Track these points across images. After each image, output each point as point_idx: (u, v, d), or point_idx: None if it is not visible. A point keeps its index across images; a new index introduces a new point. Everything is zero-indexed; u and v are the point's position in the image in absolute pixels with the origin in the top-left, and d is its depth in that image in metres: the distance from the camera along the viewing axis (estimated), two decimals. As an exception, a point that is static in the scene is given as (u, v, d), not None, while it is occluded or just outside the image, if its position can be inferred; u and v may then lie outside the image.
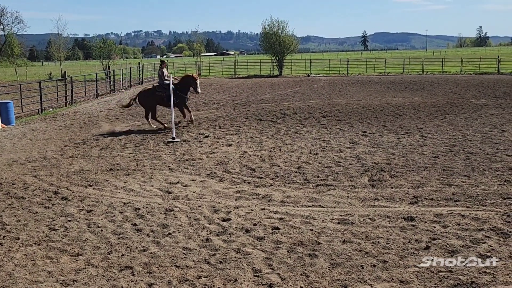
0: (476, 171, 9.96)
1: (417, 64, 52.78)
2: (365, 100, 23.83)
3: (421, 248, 6.20)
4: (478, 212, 7.49)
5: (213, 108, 22.28)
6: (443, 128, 15.29)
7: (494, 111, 18.79)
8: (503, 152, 11.58)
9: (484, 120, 16.68)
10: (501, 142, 12.80)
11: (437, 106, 20.85)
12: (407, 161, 11.02)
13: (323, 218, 7.44)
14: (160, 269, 5.84)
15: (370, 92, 28.31)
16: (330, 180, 9.59)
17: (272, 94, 28.48)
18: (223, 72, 52.44)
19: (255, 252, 6.27)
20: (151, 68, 47.72)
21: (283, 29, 49.32)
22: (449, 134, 14.21)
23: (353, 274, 5.58)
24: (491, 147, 12.22)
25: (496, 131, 14.54)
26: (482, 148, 12.13)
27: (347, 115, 18.69)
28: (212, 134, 15.21)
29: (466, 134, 14.20)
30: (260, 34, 52.07)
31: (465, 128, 15.16)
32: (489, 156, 11.28)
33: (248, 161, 11.45)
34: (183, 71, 51.83)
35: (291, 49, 49.61)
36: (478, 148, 12.15)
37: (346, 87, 31.87)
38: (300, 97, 26.33)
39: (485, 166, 10.34)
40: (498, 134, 13.96)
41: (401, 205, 7.96)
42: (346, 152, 12.19)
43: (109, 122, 18.45)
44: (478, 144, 12.71)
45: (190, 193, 9.02)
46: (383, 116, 18.25)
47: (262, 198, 8.59)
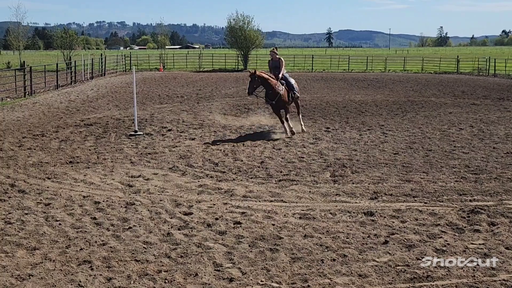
0: (434, 167, 10.20)
1: (380, 62, 53.64)
2: (328, 97, 24.07)
3: (380, 242, 6.32)
4: (435, 207, 7.68)
5: (177, 101, 22.08)
6: (404, 126, 15.60)
7: (453, 110, 19.28)
8: (460, 150, 11.90)
9: (443, 118, 17.09)
10: (458, 140, 13.14)
11: (399, 104, 21.25)
12: (368, 157, 11.20)
13: (285, 213, 7.49)
14: (120, 263, 5.76)
15: (334, 88, 28.62)
16: (292, 175, 9.65)
17: (236, 88, 28.43)
18: (188, 65, 52.00)
19: (217, 246, 6.26)
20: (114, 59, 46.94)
21: (249, 24, 49.28)
22: (409, 131, 14.51)
23: (313, 268, 5.63)
24: (449, 145, 12.54)
25: (454, 129, 14.93)
26: (440, 146, 12.43)
27: (310, 111, 18.84)
28: (175, 128, 15.08)
29: (425, 131, 14.53)
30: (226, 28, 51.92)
31: (425, 126, 15.50)
32: (446, 153, 11.57)
33: (211, 155, 11.41)
34: (147, 64, 51.21)
35: (256, 44, 49.62)
36: (436, 146, 12.44)
37: (310, 83, 32.11)
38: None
39: (442, 163, 10.60)
40: (456, 132, 14.33)
41: (361, 201, 8.09)
42: (309, 147, 12.29)
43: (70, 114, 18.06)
44: (436, 141, 13.02)
45: (152, 186, 8.93)
46: (346, 113, 18.49)
47: (225, 192, 8.58)
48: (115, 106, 20.27)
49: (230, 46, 50.67)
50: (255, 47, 49.86)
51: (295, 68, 50.32)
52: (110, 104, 20.92)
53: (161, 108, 19.78)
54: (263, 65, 51.20)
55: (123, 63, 47.26)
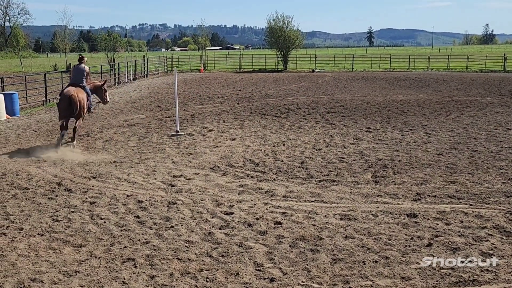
0: (480, 169, 9.93)
1: (423, 61, 52.59)
2: (369, 96, 23.77)
3: (424, 245, 6.20)
4: (481, 210, 7.47)
5: (218, 102, 22.27)
6: (448, 126, 15.24)
7: (499, 109, 18.72)
8: (507, 151, 11.54)
9: (489, 118, 16.62)
10: (505, 140, 12.75)
11: (442, 103, 20.78)
12: (411, 158, 11.00)
13: (326, 214, 7.44)
14: (162, 261, 5.86)
15: (375, 88, 28.24)
16: (333, 176, 9.58)
17: (276, 89, 28.44)
18: (228, 66, 52.38)
19: (257, 246, 6.27)
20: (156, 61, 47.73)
21: (288, 24, 49.26)
22: (453, 132, 14.17)
23: (354, 269, 5.58)
24: (496, 145, 12.17)
25: (501, 129, 14.49)
26: (487, 146, 12.09)
27: (351, 111, 18.66)
28: (216, 128, 15.22)
29: (470, 131, 14.16)
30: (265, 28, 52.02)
31: (470, 126, 15.11)
32: (493, 154, 11.24)
33: (251, 156, 11.45)
34: (188, 65, 51.83)
35: (296, 44, 49.51)
36: (482, 146, 12.11)
37: (350, 83, 31.80)
38: (305, 92, 26.29)
39: (489, 164, 10.31)
40: (502, 132, 13.91)
41: (404, 202, 7.95)
42: (349, 148, 12.17)
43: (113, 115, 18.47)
44: (482, 142, 12.67)
45: (193, 186, 9.03)
46: (388, 113, 18.21)
47: (265, 192, 8.60)
48: (157, 107, 20.60)
49: (270, 46, 50.75)
50: (295, 47, 49.76)
51: (335, 68, 49.95)
52: (152, 105, 21.29)
53: (202, 108, 19.99)
54: (303, 65, 51.09)
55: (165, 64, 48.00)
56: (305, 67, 50.62)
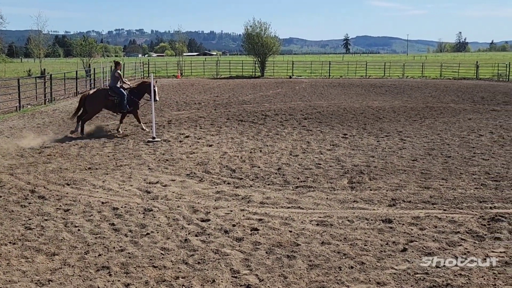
0: (454, 174, 10.09)
1: (398, 68, 53.32)
2: (346, 103, 23.98)
3: (398, 250, 6.26)
4: (454, 215, 7.58)
5: (194, 108, 22.20)
6: (422, 132, 15.46)
7: (472, 116, 19.07)
8: (480, 156, 11.76)
9: (462, 125, 16.91)
10: (478, 146, 12.99)
11: (417, 110, 21.08)
12: (386, 164, 11.12)
13: (302, 220, 7.46)
14: (138, 269, 5.79)
15: (351, 94, 28.50)
16: (310, 182, 9.62)
17: (253, 95, 28.50)
18: (205, 72, 52.28)
19: (234, 253, 6.26)
20: (132, 66, 47.39)
21: (266, 31, 49.45)
22: (427, 138, 14.38)
23: (330, 275, 5.60)
24: (469, 151, 12.39)
25: (473, 135, 14.75)
26: (460, 152, 12.29)
27: (328, 117, 18.79)
28: (192, 134, 15.16)
29: (444, 138, 14.38)
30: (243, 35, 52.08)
31: (444, 132, 15.35)
32: (466, 160, 11.43)
33: (228, 162, 11.44)
34: (164, 71, 51.59)
35: (273, 50, 49.71)
36: (455, 152, 12.31)
37: (327, 90, 32.04)
38: (282, 98, 26.39)
39: (462, 169, 10.48)
40: (475, 139, 14.16)
41: (379, 207, 8.02)
42: (326, 154, 12.25)
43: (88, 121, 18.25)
44: (456, 148, 12.88)
45: (170, 193, 8.97)
46: (364, 119, 18.39)
47: (242, 199, 8.59)
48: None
49: (247, 52, 50.86)
50: (272, 53, 49.94)
51: (312, 74, 50.29)
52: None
53: (179, 114, 19.90)
54: (280, 72, 51.31)
55: (141, 70, 47.69)
56: (283, 73, 50.83)
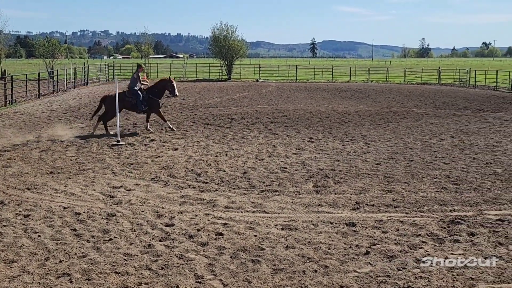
0: (416, 178, 10.29)
1: (363, 72, 54.08)
2: (312, 107, 24.19)
3: (361, 253, 6.34)
4: (416, 218, 7.74)
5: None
6: (386, 136, 15.72)
7: (434, 120, 19.51)
8: (441, 160, 12.03)
9: (424, 129, 17.28)
10: (439, 150, 13.29)
11: (381, 114, 21.43)
12: (351, 167, 11.26)
13: (267, 224, 7.49)
14: (100, 276, 5.70)
15: (317, 98, 28.77)
16: (275, 186, 9.66)
17: (220, 98, 28.45)
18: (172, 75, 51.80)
19: (198, 258, 6.22)
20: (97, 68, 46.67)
21: (233, 34, 49.42)
22: (391, 142, 14.63)
23: (294, 279, 5.63)
24: (430, 155, 12.66)
25: (435, 139, 15.09)
26: (422, 156, 12.55)
27: (294, 121, 18.91)
28: (158, 138, 15.02)
29: (407, 142, 14.66)
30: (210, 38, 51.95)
31: (407, 136, 15.65)
32: (428, 163, 11.68)
33: (193, 166, 11.38)
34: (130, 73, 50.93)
35: (240, 54, 49.72)
36: (418, 156, 12.56)
37: (294, 93, 32.25)
38: (248, 102, 26.43)
39: (424, 173, 10.70)
40: (437, 143, 14.49)
41: (343, 211, 8.12)
42: (292, 158, 12.32)
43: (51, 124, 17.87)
44: (418, 152, 13.14)
45: (134, 197, 8.86)
46: (329, 123, 18.58)
47: (207, 203, 8.55)
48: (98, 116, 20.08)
49: (214, 56, 50.74)
50: (239, 57, 49.96)
51: (279, 78, 50.53)
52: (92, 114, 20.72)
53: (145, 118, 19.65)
54: (247, 75, 51.38)
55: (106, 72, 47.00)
56: (249, 77, 50.91)
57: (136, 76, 16.44)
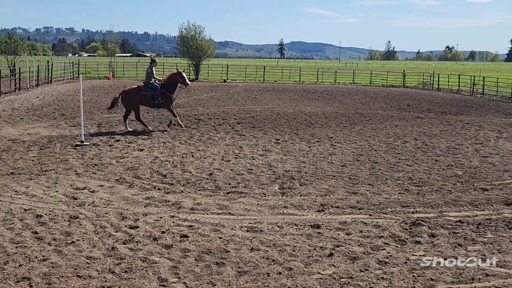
0: (380, 180, 10.46)
1: (330, 74, 54.61)
2: (279, 108, 24.30)
3: (325, 255, 6.41)
4: (379, 220, 7.86)
5: (126, 111, 21.68)
6: (352, 138, 15.93)
7: (398, 123, 19.86)
8: (404, 162, 12.26)
9: (389, 131, 17.57)
10: (403, 153, 13.54)
11: (347, 116, 21.69)
12: (317, 169, 11.36)
13: (233, 226, 7.48)
14: (61, 279, 5.59)
15: (285, 100, 28.91)
16: (241, 188, 9.66)
17: (187, 98, 28.30)
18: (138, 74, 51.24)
19: (162, 260, 6.17)
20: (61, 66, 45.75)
21: (200, 34, 49.22)
22: (356, 144, 14.83)
23: (259, 282, 5.65)
24: (394, 157, 12.89)
25: (399, 141, 15.37)
26: (386, 158, 12.76)
27: (261, 122, 18.95)
28: (123, 138, 14.83)
29: (372, 144, 14.89)
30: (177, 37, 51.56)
31: (372, 138, 15.89)
32: (391, 165, 11.89)
33: (159, 167, 11.28)
34: (96, 72, 50.21)
35: (208, 54, 49.56)
36: (382, 158, 12.77)
37: (261, 94, 32.34)
38: (216, 102, 26.38)
39: (387, 175, 10.89)
40: (400, 145, 14.76)
41: (308, 213, 8.18)
42: (258, 159, 12.35)
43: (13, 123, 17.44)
44: (382, 154, 13.36)
45: (97, 199, 8.73)
46: (296, 124, 18.70)
47: (172, 205, 8.50)
48: (61, 115, 19.74)
49: (182, 55, 50.38)
50: (206, 57, 49.79)
51: (247, 79, 50.56)
52: (56, 113, 20.34)
53: (110, 117, 19.42)
54: (215, 75, 51.23)
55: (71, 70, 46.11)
56: (217, 77, 50.78)
57: (150, 70, 16.94)
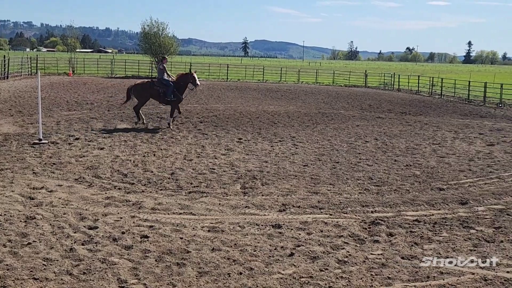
0: (341, 179, 10.61)
1: (294, 73, 54.98)
2: (242, 107, 24.32)
3: (286, 255, 6.46)
4: (339, 219, 7.98)
5: (86, 108, 21.34)
6: (314, 137, 16.08)
7: (360, 123, 20.17)
8: (364, 162, 12.47)
9: (351, 131, 17.83)
10: (363, 152, 13.76)
11: (310, 116, 21.89)
12: (279, 169, 11.42)
13: (194, 226, 7.46)
14: (16, 282, 5.46)
15: (248, 98, 28.95)
16: (203, 187, 9.63)
17: (150, 96, 27.94)
18: (99, 70, 50.36)
19: (122, 261, 6.10)
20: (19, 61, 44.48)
21: (163, 31, 48.64)
22: (318, 143, 14.98)
23: (219, 282, 5.65)
24: (355, 157, 13.09)
25: (360, 141, 15.61)
26: (347, 158, 12.95)
27: (224, 121, 18.93)
28: (83, 137, 14.55)
29: (334, 143, 15.07)
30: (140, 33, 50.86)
31: (334, 138, 16.08)
32: (352, 165, 12.07)
33: (120, 166, 11.13)
34: (55, 68, 49.08)
35: (171, 51, 49.03)
36: (343, 158, 12.95)
37: (224, 93, 32.28)
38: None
39: (348, 175, 11.05)
40: (361, 145, 15.00)
41: (270, 213, 8.23)
42: (220, 158, 12.33)
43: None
44: (344, 153, 13.54)
45: (55, 199, 8.55)
46: (259, 124, 18.76)
47: (133, 205, 8.40)
48: (18, 112, 19.21)
49: (144, 52, 49.66)
50: (170, 54, 49.26)
51: (210, 77, 50.37)
52: (13, 110, 19.78)
53: (69, 115, 19.02)
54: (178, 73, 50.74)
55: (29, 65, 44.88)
56: (180, 74, 50.26)
57: (162, 67, 17.27)
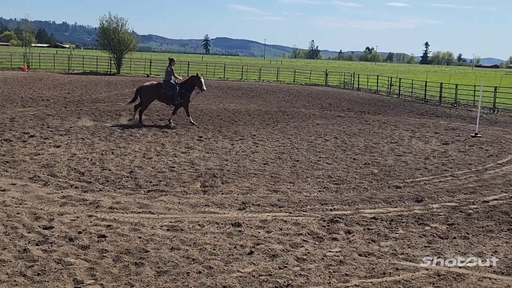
0: (300, 178, 10.70)
1: (255, 71, 55.10)
2: (203, 104, 24.20)
3: (245, 253, 6.47)
4: (298, 217, 8.04)
5: (42, 105, 20.79)
6: (274, 136, 16.16)
7: (320, 121, 20.40)
8: (324, 160, 12.61)
9: (311, 129, 18.00)
10: (323, 151, 13.92)
11: (271, 114, 21.99)
12: (239, 167, 11.42)
13: (153, 225, 7.37)
14: (-34, 285, 5.27)
15: (209, 96, 28.79)
16: (162, 186, 9.54)
17: (108, 93, 27.51)
18: (56, 66, 49.13)
19: (78, 262, 5.97)
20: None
21: (122, 27, 47.80)
22: (279, 142, 15.07)
23: (178, 281, 5.61)
24: (315, 155, 13.22)
25: (320, 140, 15.78)
26: (307, 156, 13.07)
27: (184, 119, 18.77)
28: (38, 134, 14.17)
29: (294, 142, 15.18)
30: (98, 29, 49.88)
31: (294, 136, 16.20)
32: (312, 164, 12.19)
33: (77, 164, 10.89)
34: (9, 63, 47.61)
35: (131, 47, 48.31)
36: (303, 156, 13.06)
37: (185, 90, 31.99)
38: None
39: (308, 173, 11.15)
40: (321, 143, 15.16)
41: (230, 211, 8.22)
42: (180, 157, 12.24)
43: None
44: (304, 152, 13.66)
45: (8, 198, 8.29)
46: (220, 122, 18.71)
47: (90, 204, 8.23)
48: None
49: (103, 48, 48.69)
50: (129, 50, 48.54)
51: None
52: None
53: (24, 111, 18.49)
54: (137, 70, 50.13)
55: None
56: (140, 71, 49.74)
57: (170, 69, 17.36)
